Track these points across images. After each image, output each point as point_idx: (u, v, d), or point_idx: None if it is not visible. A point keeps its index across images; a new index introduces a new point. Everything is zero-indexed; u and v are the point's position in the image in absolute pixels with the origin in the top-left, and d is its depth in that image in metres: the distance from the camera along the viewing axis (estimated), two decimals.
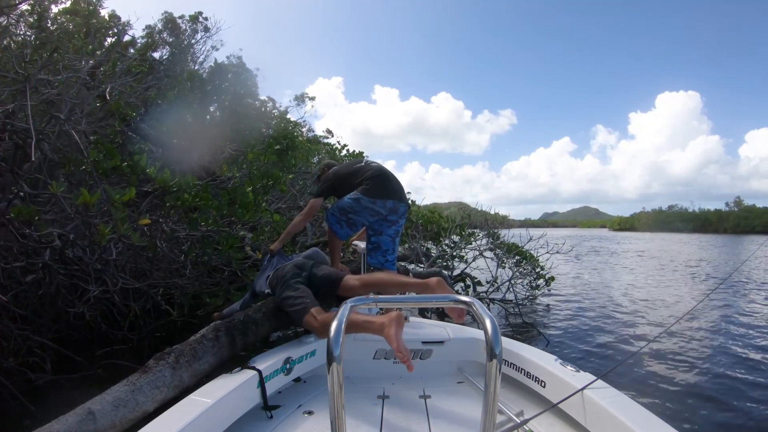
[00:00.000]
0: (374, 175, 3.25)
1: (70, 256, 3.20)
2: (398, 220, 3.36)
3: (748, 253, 24.59)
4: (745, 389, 4.26)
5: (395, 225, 3.38)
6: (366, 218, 3.35)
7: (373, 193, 3.18)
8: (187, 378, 2.17)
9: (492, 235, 8.68)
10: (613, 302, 9.10)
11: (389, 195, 3.22)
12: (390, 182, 3.29)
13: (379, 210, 3.24)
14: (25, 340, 3.30)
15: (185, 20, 12.42)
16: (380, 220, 3.34)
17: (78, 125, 3.65)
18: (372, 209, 3.24)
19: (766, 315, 7.82)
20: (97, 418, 1.65)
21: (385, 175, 3.30)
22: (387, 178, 3.29)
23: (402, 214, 3.35)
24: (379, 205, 3.21)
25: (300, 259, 3.11)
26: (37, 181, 3.55)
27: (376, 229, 3.42)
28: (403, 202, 3.32)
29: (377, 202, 3.19)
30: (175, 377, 2.10)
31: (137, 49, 8.82)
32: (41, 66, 3.47)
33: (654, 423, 1.77)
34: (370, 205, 3.20)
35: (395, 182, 3.34)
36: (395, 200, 3.24)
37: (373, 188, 3.19)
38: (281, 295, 2.81)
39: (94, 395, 1.88)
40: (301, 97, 20.82)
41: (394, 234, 3.41)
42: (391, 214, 3.29)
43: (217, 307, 4.01)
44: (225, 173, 4.62)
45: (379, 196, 3.19)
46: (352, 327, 2.37)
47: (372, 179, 3.23)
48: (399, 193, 3.30)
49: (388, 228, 3.37)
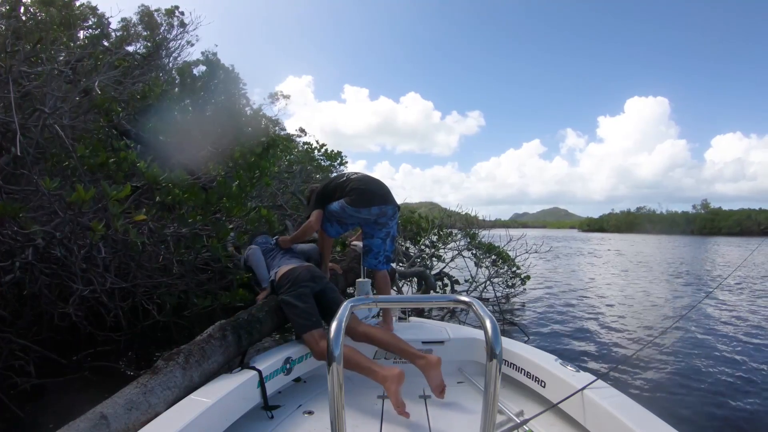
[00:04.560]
0: (355, 187, 3.26)
1: (58, 255, 3.08)
2: (388, 222, 3.37)
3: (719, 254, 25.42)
4: (744, 389, 4.34)
5: (386, 227, 3.39)
6: (356, 223, 3.45)
7: (356, 203, 3.21)
8: (197, 378, 2.13)
9: (470, 236, 8.83)
10: (603, 301, 9.30)
11: (372, 202, 3.23)
12: (372, 188, 3.30)
13: (365, 217, 3.28)
14: (6, 342, 3.18)
15: (161, 14, 12.16)
16: (370, 224, 3.37)
17: (61, 119, 3.54)
18: (357, 218, 3.29)
19: (764, 314, 8.02)
20: (111, 422, 1.60)
21: (365, 183, 3.31)
22: (368, 186, 3.30)
23: (391, 215, 3.36)
24: (365, 213, 3.24)
25: (314, 269, 3.15)
26: (14, 176, 3.42)
27: (367, 233, 3.45)
28: (390, 203, 3.32)
29: (362, 210, 3.22)
30: (186, 377, 2.06)
31: (111, 43, 8.60)
32: (24, 57, 3.34)
33: (654, 423, 1.80)
34: (356, 213, 3.23)
35: (378, 187, 3.35)
36: (380, 204, 3.25)
37: (356, 199, 3.21)
38: (287, 298, 2.85)
39: (83, 398, 1.83)
40: (275, 95, 20.63)
41: (385, 236, 3.42)
42: (380, 218, 3.31)
43: (204, 308, 3.94)
44: (210, 171, 4.54)
45: (363, 205, 3.21)
46: (354, 366, 2.47)
47: (354, 190, 3.24)
48: (383, 197, 3.30)
49: (378, 231, 3.39)
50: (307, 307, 2.79)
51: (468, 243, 8.74)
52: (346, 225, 3.44)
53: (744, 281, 12.38)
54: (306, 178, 8.35)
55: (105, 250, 3.23)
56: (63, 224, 3.06)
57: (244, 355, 2.63)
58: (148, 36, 11.83)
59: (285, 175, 7.65)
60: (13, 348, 3.23)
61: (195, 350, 2.22)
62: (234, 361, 2.55)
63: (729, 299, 9.51)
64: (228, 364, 2.49)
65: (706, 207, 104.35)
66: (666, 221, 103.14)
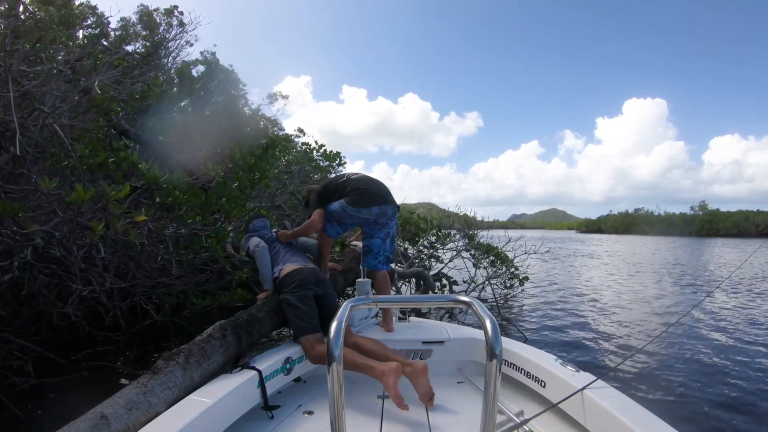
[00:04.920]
0: (355, 187, 3.27)
1: (57, 254, 3.07)
2: (388, 222, 3.37)
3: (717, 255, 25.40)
4: (745, 388, 4.34)
5: (386, 227, 3.39)
6: (355, 223, 3.46)
7: (356, 203, 3.21)
8: (198, 378, 2.13)
9: (468, 236, 8.84)
10: (602, 302, 9.28)
11: (372, 202, 3.24)
12: (373, 189, 3.30)
13: (365, 217, 3.28)
14: (5, 342, 3.17)
15: (160, 14, 12.16)
16: (370, 224, 3.38)
17: (61, 119, 3.53)
18: (358, 217, 3.30)
19: (764, 314, 8.03)
20: (111, 422, 1.59)
21: (366, 183, 3.32)
22: (368, 186, 3.31)
23: (391, 215, 3.36)
24: (365, 213, 3.24)
25: (319, 272, 3.17)
26: (13, 175, 3.41)
27: (366, 233, 3.45)
28: (390, 203, 3.32)
29: (362, 210, 3.23)
30: (186, 377, 2.06)
31: (111, 43, 8.59)
32: (23, 56, 3.33)
33: (654, 423, 1.80)
34: (356, 213, 3.24)
35: (378, 187, 3.35)
36: (380, 205, 3.26)
37: (356, 199, 3.22)
38: (290, 299, 2.86)
39: (82, 398, 1.82)
40: (274, 95, 20.63)
41: (385, 236, 3.42)
42: (380, 218, 3.31)
43: (203, 308, 3.94)
44: (209, 172, 4.53)
45: (363, 205, 3.22)
46: (351, 365, 2.46)
47: (354, 190, 3.25)
48: (383, 197, 3.30)
49: (378, 231, 3.39)
50: (308, 311, 2.81)
51: (467, 243, 8.75)
52: (346, 225, 3.45)
53: (744, 282, 12.39)
54: (304, 179, 8.35)
55: (104, 250, 3.22)
56: (62, 224, 3.05)
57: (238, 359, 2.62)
58: (147, 36, 11.83)
59: (284, 176, 7.65)
60: (11, 348, 3.23)
61: (195, 350, 2.22)
62: (233, 361, 2.55)
63: (729, 300, 9.52)
64: (228, 364, 2.49)
65: (704, 208, 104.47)
66: (664, 223, 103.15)
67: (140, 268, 3.80)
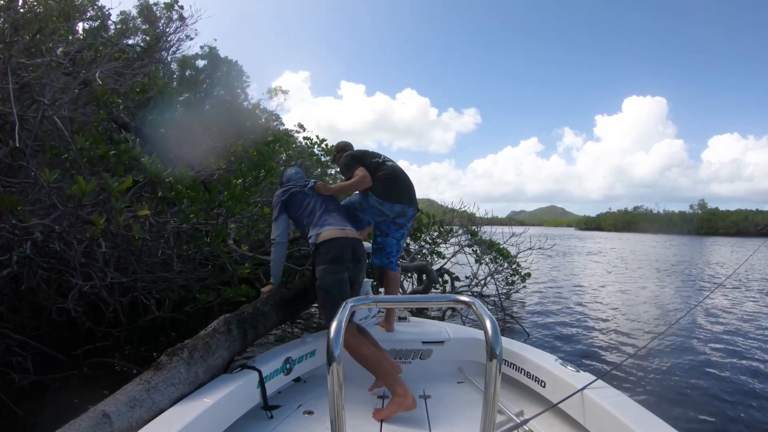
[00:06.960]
0: (387, 177, 3.13)
1: (57, 249, 3.03)
2: (405, 224, 3.30)
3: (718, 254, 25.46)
4: (744, 388, 4.33)
5: (402, 228, 3.32)
6: (373, 217, 3.28)
7: (382, 194, 3.09)
8: (202, 374, 2.09)
9: (471, 232, 8.85)
10: (602, 301, 9.26)
11: (398, 198, 3.12)
12: (401, 185, 3.18)
13: (386, 212, 3.16)
14: (4, 338, 3.13)
15: (160, 8, 12.09)
16: (387, 222, 3.28)
17: (61, 111, 3.48)
18: (379, 210, 3.16)
19: (764, 314, 8.02)
20: (113, 421, 1.55)
21: (397, 177, 3.19)
22: (399, 181, 3.18)
23: (410, 217, 3.28)
24: (387, 207, 3.12)
25: (361, 246, 2.89)
26: (12, 168, 3.36)
27: (382, 230, 3.35)
28: (413, 205, 3.22)
29: (385, 204, 3.10)
30: (191, 373, 2.01)
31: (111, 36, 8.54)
32: (23, 48, 3.28)
33: (654, 423, 1.80)
34: (378, 205, 3.11)
35: (407, 185, 3.23)
36: (404, 204, 3.15)
37: (383, 190, 3.10)
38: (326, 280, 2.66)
39: (82, 395, 1.79)
40: (273, 90, 20.56)
41: (400, 237, 3.36)
42: (398, 217, 3.22)
43: (206, 303, 3.90)
44: (211, 165, 4.50)
45: (388, 199, 3.10)
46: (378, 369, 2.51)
47: (384, 180, 3.12)
48: (409, 197, 3.20)
49: (395, 231, 3.31)
50: (341, 298, 2.65)
51: (469, 239, 8.76)
52: (361, 222, 3.29)
53: (744, 282, 12.37)
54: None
55: (105, 244, 3.18)
56: (62, 218, 3.00)
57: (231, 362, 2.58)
58: (147, 30, 11.78)
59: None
60: (10, 344, 3.18)
61: (199, 345, 2.17)
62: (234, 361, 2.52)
63: (729, 300, 9.50)
64: (233, 359, 2.46)
65: (704, 207, 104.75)
66: (663, 221, 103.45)
67: (141, 262, 3.75)
